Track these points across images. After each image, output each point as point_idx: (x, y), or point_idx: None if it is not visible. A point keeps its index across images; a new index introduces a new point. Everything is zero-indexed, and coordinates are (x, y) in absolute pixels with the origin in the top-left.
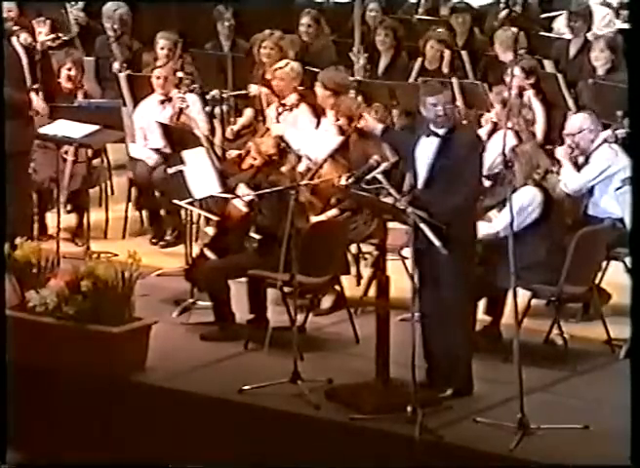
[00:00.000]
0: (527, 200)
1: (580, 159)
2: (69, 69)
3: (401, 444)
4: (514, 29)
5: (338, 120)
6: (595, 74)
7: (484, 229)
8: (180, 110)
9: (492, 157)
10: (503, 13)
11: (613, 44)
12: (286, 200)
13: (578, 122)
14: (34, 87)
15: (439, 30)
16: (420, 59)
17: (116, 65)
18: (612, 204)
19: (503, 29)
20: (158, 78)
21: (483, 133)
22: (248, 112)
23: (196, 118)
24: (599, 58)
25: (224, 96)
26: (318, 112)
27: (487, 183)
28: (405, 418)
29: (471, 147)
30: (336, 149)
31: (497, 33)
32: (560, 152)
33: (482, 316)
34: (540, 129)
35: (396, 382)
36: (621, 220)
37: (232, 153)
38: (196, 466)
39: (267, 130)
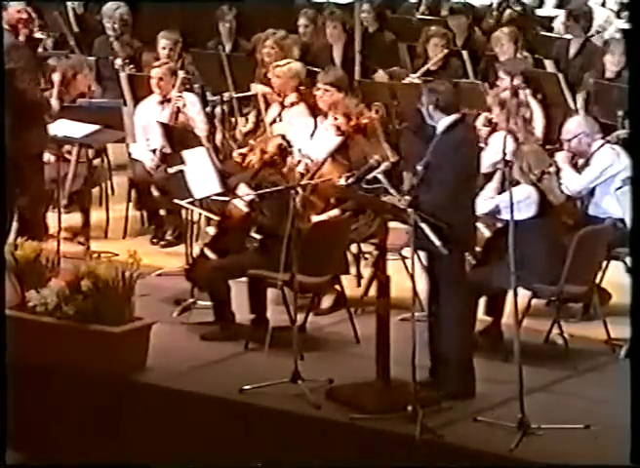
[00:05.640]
0: (522, 196)
1: (581, 161)
2: (85, 76)
3: (401, 443)
4: (510, 29)
5: (337, 120)
6: (604, 76)
7: (482, 207)
8: (178, 109)
9: (491, 157)
10: (502, 12)
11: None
12: (287, 200)
13: (573, 127)
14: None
15: (433, 28)
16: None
17: (118, 61)
18: (613, 204)
19: (500, 30)
20: (155, 78)
21: (483, 133)
22: (254, 113)
23: (195, 118)
24: (613, 62)
25: (225, 96)
26: (317, 112)
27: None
28: (405, 418)
29: (456, 146)
30: (336, 149)
31: (493, 34)
32: (560, 157)
33: (483, 316)
34: (538, 129)
35: (396, 382)
36: (622, 220)
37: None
38: (196, 466)
39: (269, 130)
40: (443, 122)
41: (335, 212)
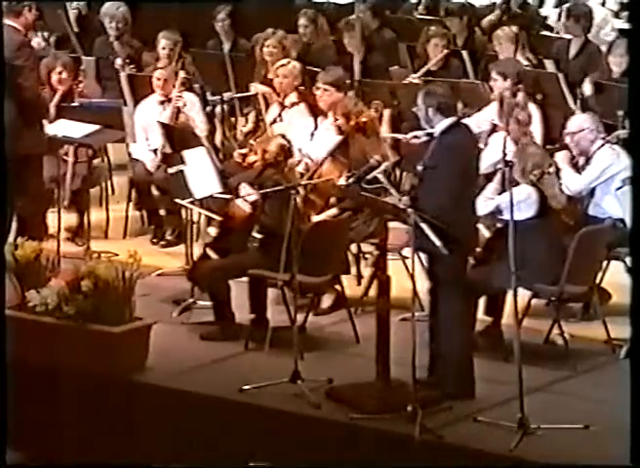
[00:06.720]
0: (522, 196)
1: (581, 161)
2: (60, 73)
3: (401, 444)
4: (513, 28)
5: (337, 120)
6: (610, 76)
7: (482, 207)
8: (178, 109)
9: (491, 157)
10: (503, 12)
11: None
12: (288, 199)
13: (579, 121)
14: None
15: (433, 28)
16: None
17: (119, 61)
18: (613, 204)
19: (501, 29)
20: (158, 79)
21: (483, 133)
22: (254, 113)
23: (195, 118)
24: (616, 63)
25: (226, 96)
26: (317, 112)
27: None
28: (405, 418)
29: (454, 148)
30: (336, 148)
31: (494, 34)
32: (560, 157)
33: (483, 316)
34: (536, 129)
35: (396, 382)
36: (622, 220)
37: (237, 153)
38: (196, 466)
39: (269, 130)
40: (441, 124)
41: (333, 211)
